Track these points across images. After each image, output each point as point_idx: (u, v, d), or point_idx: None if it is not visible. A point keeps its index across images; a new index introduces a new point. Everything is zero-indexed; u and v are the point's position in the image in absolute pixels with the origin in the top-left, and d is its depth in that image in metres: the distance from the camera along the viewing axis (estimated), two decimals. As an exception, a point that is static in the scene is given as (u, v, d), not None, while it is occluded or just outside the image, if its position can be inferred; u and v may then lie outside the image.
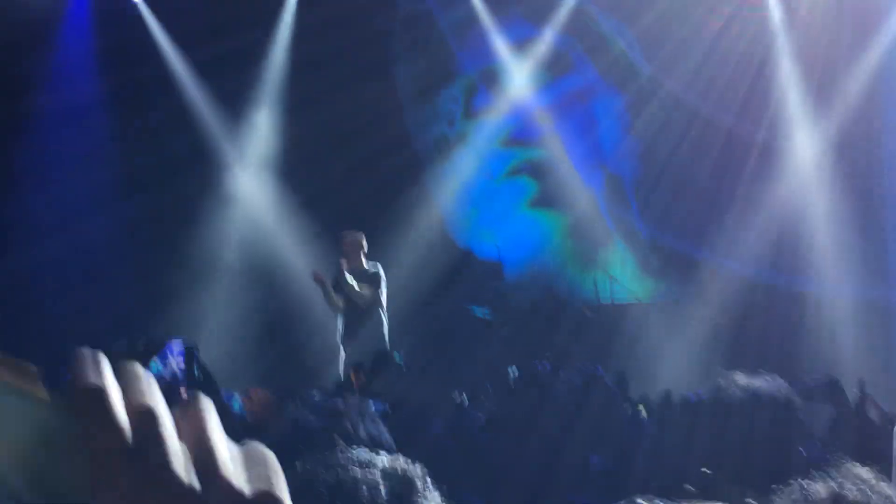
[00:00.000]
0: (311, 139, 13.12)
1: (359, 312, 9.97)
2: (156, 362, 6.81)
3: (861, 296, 12.34)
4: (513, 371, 10.79)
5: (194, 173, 12.85)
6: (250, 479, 0.83)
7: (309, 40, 13.00)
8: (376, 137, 13.49)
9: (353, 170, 13.18)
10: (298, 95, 13.13)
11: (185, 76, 13.03)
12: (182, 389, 5.54)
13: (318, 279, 9.98)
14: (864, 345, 11.63)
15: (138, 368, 0.84)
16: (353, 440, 2.58)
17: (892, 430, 3.17)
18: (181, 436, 0.82)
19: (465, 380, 11.42)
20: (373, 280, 9.90)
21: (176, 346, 7.40)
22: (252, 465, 0.85)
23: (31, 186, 11.96)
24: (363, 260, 9.99)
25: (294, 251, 12.98)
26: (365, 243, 10.04)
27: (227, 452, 0.83)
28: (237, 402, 8.34)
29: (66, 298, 11.50)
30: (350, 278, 9.76)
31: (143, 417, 0.81)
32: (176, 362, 6.60)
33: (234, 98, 13.16)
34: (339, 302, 9.95)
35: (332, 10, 12.63)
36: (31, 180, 11.96)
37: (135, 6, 12.86)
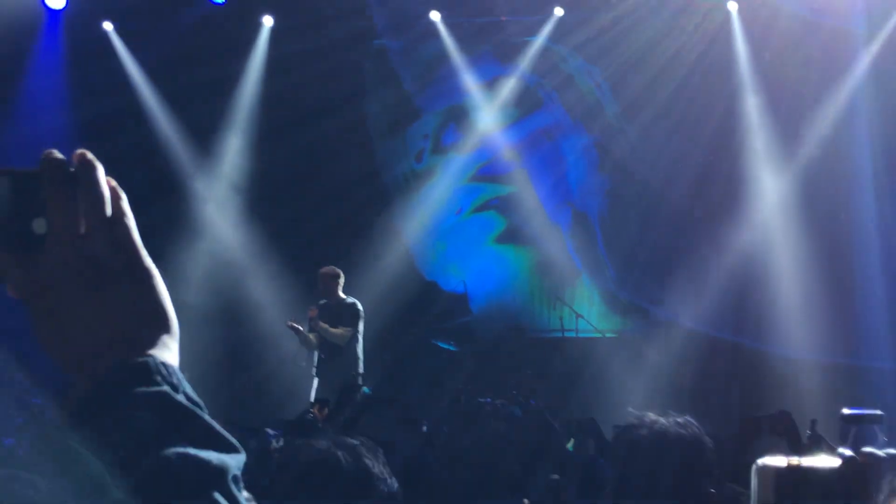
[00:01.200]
0: (280, 171, 13.24)
1: (329, 350, 10.01)
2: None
3: (824, 360, 12.21)
4: (485, 403, 10.88)
5: (162, 205, 12.88)
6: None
7: (280, 73, 13.15)
8: (345, 171, 13.63)
9: (321, 202, 13.32)
10: (268, 127, 13.26)
11: (154, 107, 13.11)
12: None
13: (293, 328, 10.04)
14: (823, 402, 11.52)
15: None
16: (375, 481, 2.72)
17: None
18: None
19: (429, 410, 11.51)
20: (349, 316, 9.95)
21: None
22: None
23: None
24: (340, 294, 10.05)
25: (262, 282, 13.04)
26: (342, 278, 10.10)
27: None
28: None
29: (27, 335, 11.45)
30: (324, 327, 9.82)
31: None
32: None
33: (204, 129, 13.25)
34: (314, 341, 10.00)
35: (303, 43, 12.78)
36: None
37: (107, 35, 12.93)
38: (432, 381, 12.47)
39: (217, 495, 1.01)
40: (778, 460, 2.50)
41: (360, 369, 10.02)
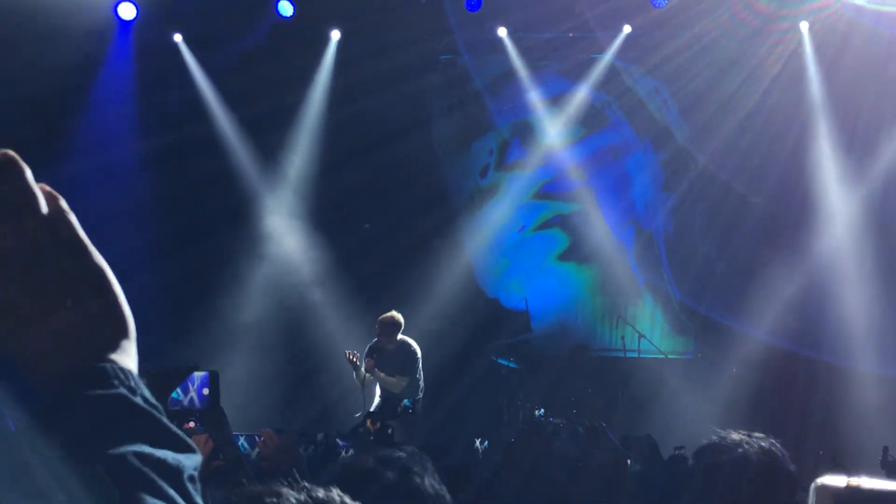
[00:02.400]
0: (345, 186, 13.30)
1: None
2: (177, 391, 6.87)
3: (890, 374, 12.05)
4: (539, 411, 10.80)
5: (232, 229, 13.02)
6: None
7: (346, 86, 13.20)
8: (410, 186, 13.66)
9: (387, 217, 13.36)
10: (334, 143, 13.30)
11: (221, 117, 13.23)
12: (191, 422, 5.59)
13: (350, 362, 10.07)
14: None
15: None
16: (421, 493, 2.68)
17: None
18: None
19: (487, 426, 11.44)
20: (408, 363, 9.96)
21: (199, 377, 7.45)
22: None
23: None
24: (397, 339, 10.04)
25: (327, 297, 13.10)
26: (402, 326, 10.09)
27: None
28: (244, 444, 8.34)
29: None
30: (381, 375, 9.86)
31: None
32: (194, 392, 6.65)
33: (273, 154, 13.37)
34: (368, 379, 10.03)
35: (369, 57, 12.82)
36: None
37: (176, 46, 13.09)
38: (491, 397, 12.39)
39: (172, 493, 1.04)
40: (837, 480, 2.37)
41: (420, 397, 10.03)
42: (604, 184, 14.20)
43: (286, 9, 12.74)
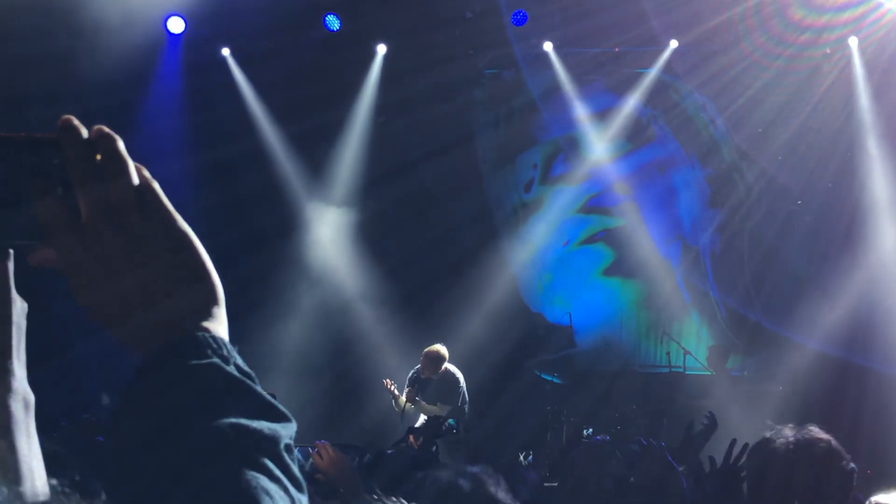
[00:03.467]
0: (391, 200, 13.32)
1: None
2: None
3: None
4: (588, 431, 10.74)
5: (280, 243, 13.08)
6: None
7: (393, 111, 13.25)
8: (456, 203, 13.67)
9: (432, 232, 13.37)
10: (379, 157, 13.34)
11: (268, 130, 13.31)
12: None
13: (387, 388, 10.10)
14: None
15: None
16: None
17: None
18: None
19: (531, 441, 11.39)
20: (451, 393, 9.97)
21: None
22: None
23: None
24: (441, 371, 10.06)
25: (372, 316, 13.12)
26: (445, 358, 10.11)
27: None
28: (300, 458, 8.36)
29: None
30: (422, 403, 9.87)
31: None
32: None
33: (320, 168, 13.42)
34: (407, 408, 10.06)
35: (416, 72, 12.86)
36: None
37: (224, 60, 13.20)
38: (536, 412, 12.33)
39: (269, 462, 1.03)
40: (892, 498, 2.33)
41: (465, 419, 10.03)
42: (649, 199, 14.12)
43: (333, 23, 12.82)
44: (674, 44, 13.17)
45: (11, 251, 1.14)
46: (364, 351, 12.87)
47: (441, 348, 10.13)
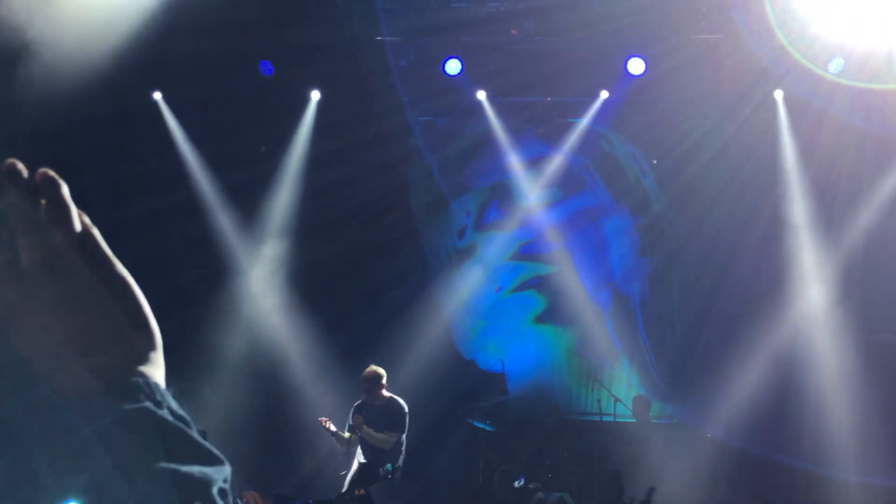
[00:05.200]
0: (323, 242, 13.27)
1: (372, 447, 9.95)
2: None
3: (881, 483, 11.71)
4: (519, 482, 10.73)
5: (211, 296, 12.94)
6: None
7: (324, 142, 13.24)
8: (390, 252, 13.70)
9: (363, 276, 13.35)
10: (313, 194, 13.31)
11: (207, 196, 13.21)
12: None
13: (324, 427, 9.99)
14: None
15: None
16: None
17: None
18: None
19: (464, 490, 11.34)
20: (397, 420, 9.89)
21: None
22: None
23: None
24: (384, 393, 10.00)
25: (302, 359, 13.03)
26: (385, 378, 10.05)
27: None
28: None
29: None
30: (369, 431, 9.77)
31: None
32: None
33: (252, 219, 13.34)
34: (348, 440, 9.94)
35: (349, 115, 12.88)
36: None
37: (155, 104, 13.11)
38: (466, 459, 12.30)
39: None
40: None
41: (401, 460, 9.93)
42: (581, 246, 14.27)
43: (267, 69, 12.80)
44: (604, 94, 13.38)
45: None
46: (297, 406, 12.76)
47: (377, 368, 10.07)
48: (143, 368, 1.11)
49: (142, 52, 11.12)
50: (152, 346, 1.14)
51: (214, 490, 1.06)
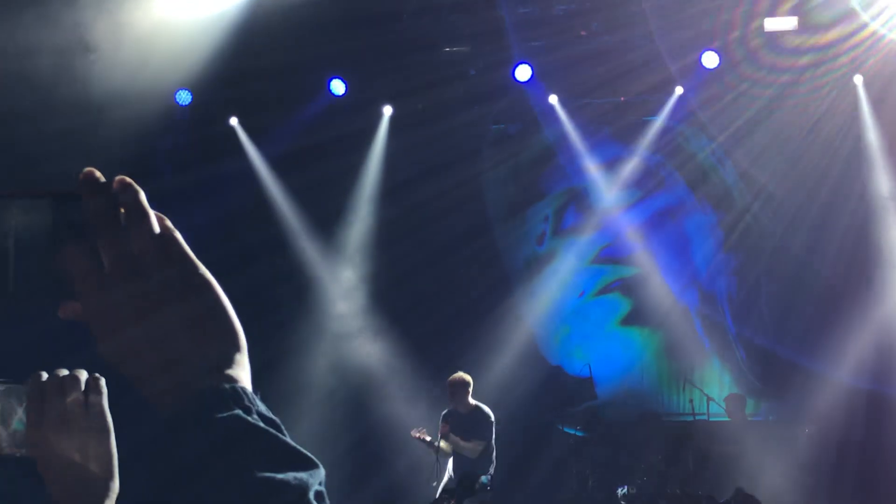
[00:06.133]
0: (403, 259, 13.30)
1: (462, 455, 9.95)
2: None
3: None
4: (622, 490, 10.60)
5: (290, 296, 13.05)
6: None
7: (401, 161, 13.28)
8: (468, 256, 13.66)
9: (444, 288, 13.33)
10: (391, 212, 13.36)
11: (280, 200, 13.34)
12: None
13: (419, 440, 10.02)
14: None
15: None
16: None
17: None
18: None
19: (556, 498, 11.23)
20: (483, 427, 9.86)
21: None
22: None
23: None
24: (470, 401, 9.98)
25: (386, 370, 13.06)
26: (471, 385, 10.03)
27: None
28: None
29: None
30: (456, 440, 9.76)
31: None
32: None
33: (329, 220, 13.42)
34: (445, 449, 9.95)
35: (422, 132, 12.92)
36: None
37: (232, 130, 13.27)
38: (560, 467, 12.18)
39: None
40: None
41: (492, 470, 9.87)
42: (663, 246, 14.08)
43: (338, 88, 12.89)
44: (679, 90, 13.20)
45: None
46: (384, 411, 12.78)
47: (463, 374, 10.07)
48: (231, 372, 1.10)
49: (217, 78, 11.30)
50: (237, 348, 1.13)
51: (311, 495, 1.04)
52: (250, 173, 13.25)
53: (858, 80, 12.70)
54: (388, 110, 13.47)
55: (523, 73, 12.85)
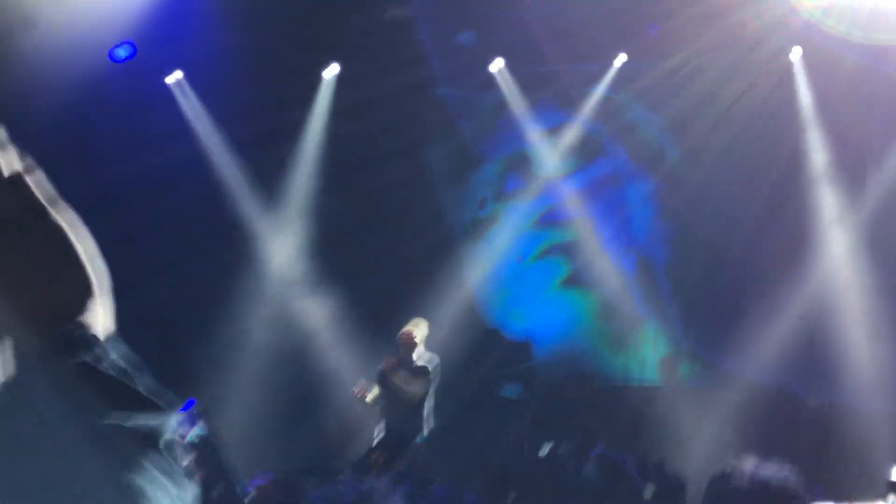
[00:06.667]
0: (344, 217, 13.28)
1: (399, 405, 9.97)
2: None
3: None
4: (545, 448, 10.77)
5: (228, 251, 12.96)
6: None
7: (343, 122, 13.22)
8: (408, 218, 13.68)
9: (385, 249, 13.36)
10: (332, 173, 13.31)
11: (220, 153, 13.20)
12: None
13: (359, 395, 10.02)
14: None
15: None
16: None
17: None
18: None
19: (492, 459, 11.39)
20: (423, 375, 9.91)
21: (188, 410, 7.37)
22: None
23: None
24: (417, 351, 10.02)
25: (324, 327, 13.06)
26: (422, 334, 10.08)
27: None
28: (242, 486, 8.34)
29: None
30: (399, 377, 9.78)
31: None
32: (184, 424, 6.59)
33: (270, 176, 13.33)
34: (378, 402, 9.98)
35: (366, 92, 12.87)
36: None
37: (173, 85, 13.09)
38: (495, 428, 12.33)
39: (147, 462, 1.00)
40: None
41: (425, 429, 9.96)
42: (603, 213, 14.23)
43: (280, 45, 12.77)
44: (620, 60, 13.31)
45: None
46: (321, 368, 12.80)
47: (420, 321, 10.11)
48: (83, 318, 1.07)
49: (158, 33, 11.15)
50: (90, 293, 1.09)
51: (161, 443, 1.03)
52: (189, 130, 13.09)
53: (796, 54, 12.89)
54: (332, 70, 13.39)
55: (468, 38, 12.85)
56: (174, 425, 1.05)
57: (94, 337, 1.06)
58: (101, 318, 1.08)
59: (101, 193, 11.66)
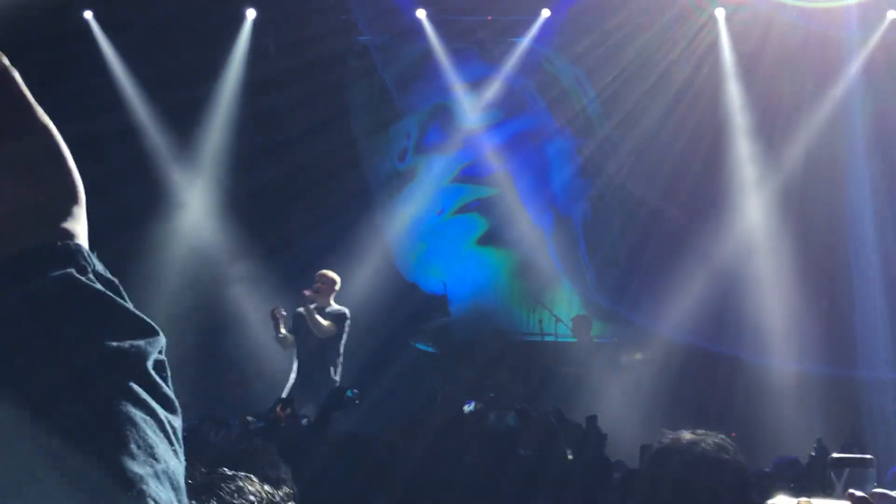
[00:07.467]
0: (260, 167, 13.04)
1: (310, 349, 9.85)
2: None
3: (812, 370, 12.04)
4: (468, 406, 10.75)
5: (148, 220, 12.65)
6: None
7: (262, 67, 12.94)
8: (327, 167, 13.47)
9: (303, 199, 13.16)
10: (248, 121, 13.03)
11: (132, 95, 12.83)
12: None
13: (274, 316, 9.91)
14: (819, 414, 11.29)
15: None
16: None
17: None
18: None
19: (406, 412, 11.34)
20: (337, 319, 9.83)
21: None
22: None
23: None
24: (332, 301, 9.92)
25: (242, 280, 12.86)
26: (338, 285, 9.98)
27: None
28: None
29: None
30: (312, 311, 9.68)
31: None
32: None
33: (184, 119, 12.97)
34: (289, 339, 9.87)
35: (286, 37, 12.60)
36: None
37: (85, 22, 12.67)
38: (410, 382, 12.29)
39: (134, 385, 0.92)
40: (787, 500, 2.34)
41: (338, 375, 9.87)
42: (523, 168, 14.20)
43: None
44: (546, 13, 13.21)
45: None
46: (238, 333, 12.64)
47: (335, 274, 10.05)
48: (66, 226, 0.99)
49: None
50: (76, 201, 1.02)
51: (149, 364, 0.95)
52: (104, 67, 12.70)
53: (720, 13, 12.94)
54: (251, 13, 13.04)
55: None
56: (162, 344, 0.99)
57: (80, 245, 0.98)
58: (83, 227, 1.01)
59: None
